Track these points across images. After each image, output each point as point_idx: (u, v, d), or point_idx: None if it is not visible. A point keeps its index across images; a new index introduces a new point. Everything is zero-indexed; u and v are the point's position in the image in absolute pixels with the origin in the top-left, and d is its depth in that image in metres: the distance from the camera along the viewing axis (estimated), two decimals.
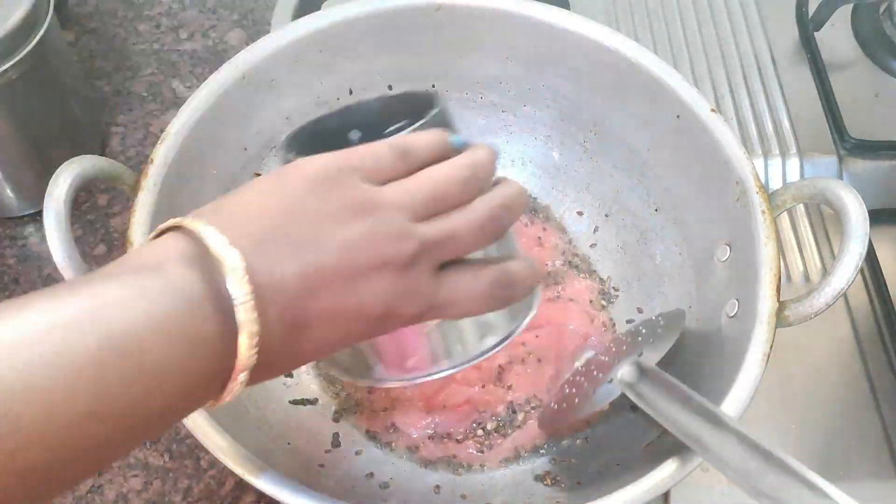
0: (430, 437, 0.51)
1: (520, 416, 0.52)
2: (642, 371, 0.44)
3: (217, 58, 0.74)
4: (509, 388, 0.52)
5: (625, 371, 0.44)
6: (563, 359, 0.54)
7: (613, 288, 0.57)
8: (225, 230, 0.28)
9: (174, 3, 0.77)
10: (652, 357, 0.45)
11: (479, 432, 0.52)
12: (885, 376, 0.57)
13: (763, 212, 0.46)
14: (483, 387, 0.52)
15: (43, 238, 0.62)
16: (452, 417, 0.52)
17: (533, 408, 0.52)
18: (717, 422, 0.38)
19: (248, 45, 0.52)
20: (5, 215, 0.64)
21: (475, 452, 0.51)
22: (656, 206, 0.56)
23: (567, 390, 0.50)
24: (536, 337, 0.54)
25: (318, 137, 0.36)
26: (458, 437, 0.51)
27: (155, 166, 0.46)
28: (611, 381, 0.45)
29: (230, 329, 0.27)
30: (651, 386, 0.43)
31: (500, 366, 0.53)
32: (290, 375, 0.53)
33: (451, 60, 0.58)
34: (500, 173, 0.37)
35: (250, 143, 0.54)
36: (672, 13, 0.74)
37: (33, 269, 0.62)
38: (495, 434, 0.51)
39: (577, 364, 0.52)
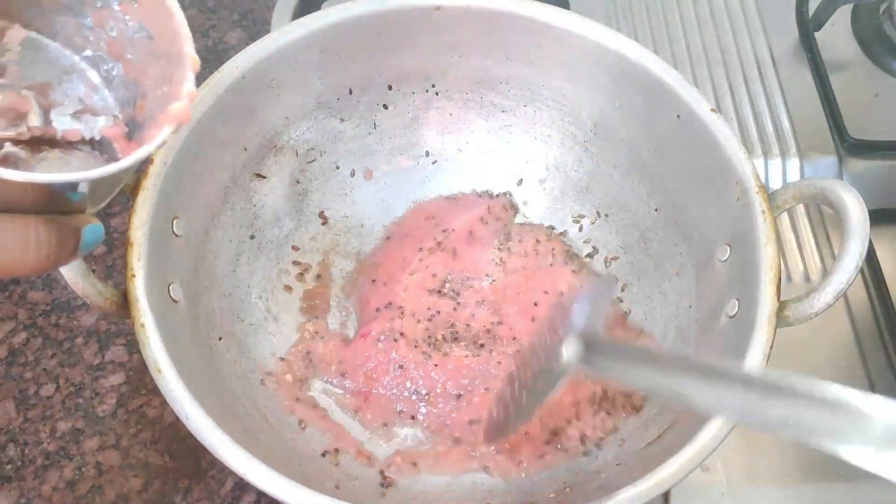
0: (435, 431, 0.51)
1: None
2: (588, 343, 0.39)
3: (217, 58, 0.73)
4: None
5: (570, 350, 0.39)
6: None
7: None
8: None
9: None
10: (591, 326, 0.41)
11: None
12: (885, 376, 0.57)
13: (763, 212, 0.46)
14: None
15: None
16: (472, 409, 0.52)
17: None
18: (670, 364, 0.35)
19: (248, 45, 0.52)
20: None
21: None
22: (656, 206, 0.56)
23: (508, 396, 0.45)
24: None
25: None
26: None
27: (155, 166, 0.46)
28: (557, 361, 0.40)
29: None
30: (601, 354, 0.39)
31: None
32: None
33: (451, 60, 0.58)
34: (512, 194, 0.34)
35: (250, 143, 0.54)
36: (672, 13, 0.74)
37: None
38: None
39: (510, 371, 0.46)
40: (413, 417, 0.52)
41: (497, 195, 0.61)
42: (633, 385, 0.37)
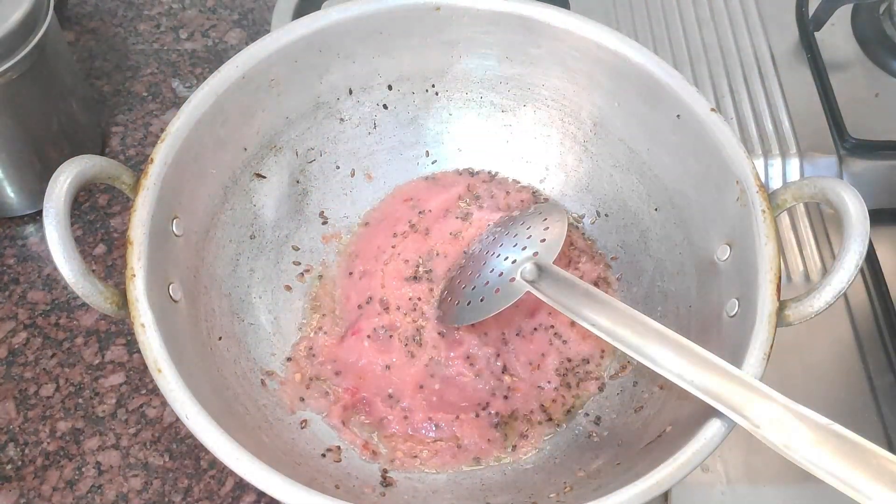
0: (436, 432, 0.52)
1: (520, 418, 0.52)
2: (541, 269, 0.50)
3: (217, 58, 0.74)
4: (509, 388, 0.53)
5: (525, 269, 0.50)
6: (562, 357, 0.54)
7: (613, 288, 0.57)
8: None
9: (174, 3, 0.77)
10: (548, 256, 0.50)
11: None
12: (885, 376, 0.57)
13: (763, 211, 0.46)
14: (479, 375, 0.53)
15: (43, 238, 0.62)
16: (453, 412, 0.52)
17: (531, 411, 0.52)
18: (611, 307, 0.45)
19: (248, 45, 0.52)
20: (5, 215, 0.64)
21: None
22: (656, 206, 0.56)
23: (460, 285, 0.53)
24: (535, 331, 0.54)
25: None
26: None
27: (155, 166, 0.46)
28: (513, 279, 0.50)
29: None
30: (551, 282, 0.49)
31: (503, 365, 0.53)
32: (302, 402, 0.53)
33: (451, 60, 0.58)
34: (500, 173, 0.35)
35: (250, 142, 0.54)
36: (672, 13, 0.74)
37: (33, 269, 0.62)
38: (495, 431, 0.52)
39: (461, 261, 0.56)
40: (404, 416, 0.52)
41: (477, 172, 0.61)
42: (577, 319, 0.46)
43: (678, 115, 0.51)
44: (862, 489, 0.35)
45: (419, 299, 0.55)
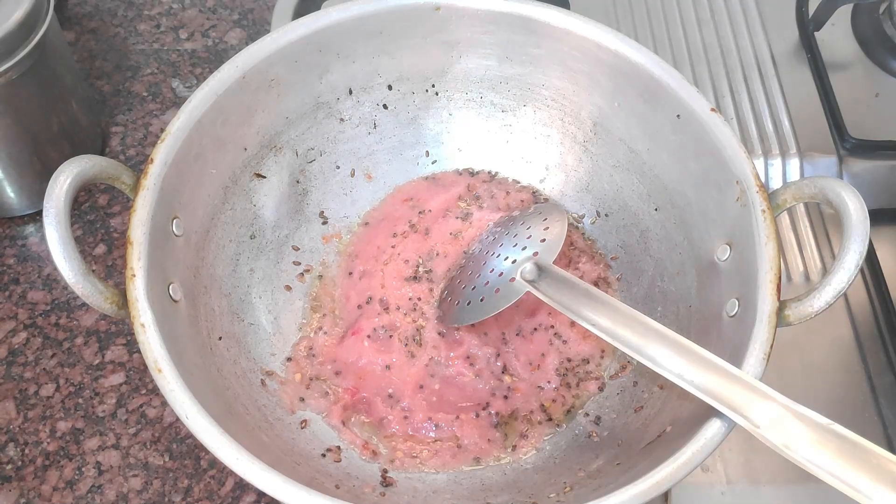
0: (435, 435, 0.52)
1: (520, 418, 0.52)
2: (541, 269, 0.50)
3: (217, 58, 0.74)
4: (509, 388, 0.53)
5: (525, 269, 0.50)
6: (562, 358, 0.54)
7: (613, 288, 0.57)
8: None
9: (174, 3, 0.77)
10: (548, 256, 0.50)
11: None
12: (885, 376, 0.57)
13: (763, 211, 0.46)
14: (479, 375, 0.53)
15: (43, 238, 0.62)
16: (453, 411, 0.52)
17: (531, 411, 0.52)
18: (611, 307, 0.46)
19: (248, 45, 0.52)
20: (5, 215, 0.64)
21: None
22: (656, 206, 0.56)
23: (460, 285, 0.54)
24: (535, 331, 0.54)
25: None
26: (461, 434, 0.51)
27: (155, 166, 0.46)
28: (513, 279, 0.50)
29: None
30: (551, 282, 0.49)
31: (503, 365, 0.53)
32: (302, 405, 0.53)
33: (451, 60, 0.58)
34: (500, 173, 0.35)
35: (250, 142, 0.54)
36: (672, 13, 0.74)
37: (33, 269, 0.62)
38: (495, 431, 0.52)
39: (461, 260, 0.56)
40: (404, 416, 0.52)
41: (477, 172, 0.61)
42: (577, 319, 0.46)
43: (678, 115, 0.51)
44: (862, 489, 0.35)
45: (419, 299, 0.55)
